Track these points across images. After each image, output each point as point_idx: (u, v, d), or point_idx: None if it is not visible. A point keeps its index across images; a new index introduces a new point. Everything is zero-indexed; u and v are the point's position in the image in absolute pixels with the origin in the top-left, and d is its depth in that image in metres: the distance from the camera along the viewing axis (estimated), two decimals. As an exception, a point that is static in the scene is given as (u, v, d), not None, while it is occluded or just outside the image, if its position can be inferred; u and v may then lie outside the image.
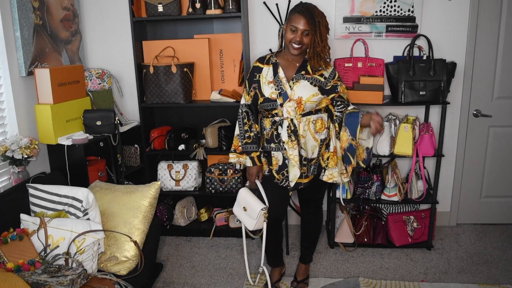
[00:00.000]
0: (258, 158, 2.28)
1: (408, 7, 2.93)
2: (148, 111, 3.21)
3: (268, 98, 2.18)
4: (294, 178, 2.24)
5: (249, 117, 2.29)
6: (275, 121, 2.22)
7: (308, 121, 2.21)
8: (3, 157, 2.31)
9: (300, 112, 2.18)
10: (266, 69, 2.23)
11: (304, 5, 2.12)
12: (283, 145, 2.22)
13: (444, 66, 2.72)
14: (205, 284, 2.65)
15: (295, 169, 2.22)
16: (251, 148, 2.27)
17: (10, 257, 1.86)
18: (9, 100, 2.43)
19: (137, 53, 3.00)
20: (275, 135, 2.24)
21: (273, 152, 2.26)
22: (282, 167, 2.26)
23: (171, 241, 3.19)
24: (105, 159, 2.92)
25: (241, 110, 2.31)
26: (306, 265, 2.63)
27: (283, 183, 2.28)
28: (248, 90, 2.28)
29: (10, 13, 2.37)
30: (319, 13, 2.11)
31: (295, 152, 2.20)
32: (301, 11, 2.08)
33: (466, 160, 3.21)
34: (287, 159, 2.23)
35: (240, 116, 2.30)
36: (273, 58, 2.25)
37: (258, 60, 2.30)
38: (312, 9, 2.10)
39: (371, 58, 2.93)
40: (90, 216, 2.11)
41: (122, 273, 2.14)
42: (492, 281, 2.62)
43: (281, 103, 2.17)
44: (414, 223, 2.99)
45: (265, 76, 2.22)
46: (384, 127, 2.30)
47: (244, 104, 2.31)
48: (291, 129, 2.19)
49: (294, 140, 2.19)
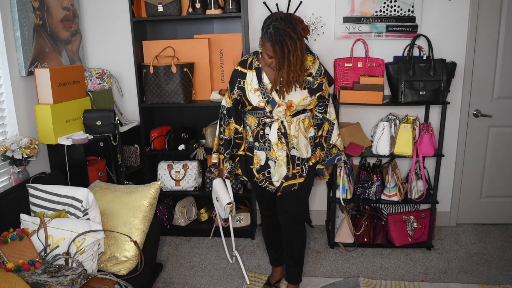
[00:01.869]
0: (223, 160, 2.33)
1: (408, 7, 2.93)
2: (148, 111, 3.21)
3: (256, 107, 2.14)
4: (279, 178, 2.22)
5: (224, 120, 2.30)
6: (265, 122, 2.17)
7: (298, 120, 2.18)
8: (3, 157, 2.31)
9: (289, 114, 2.14)
10: (250, 74, 2.14)
11: (277, 32, 1.90)
12: (268, 146, 2.18)
13: (444, 66, 2.72)
14: (205, 284, 2.65)
15: (282, 169, 2.20)
16: (221, 150, 2.35)
17: (10, 257, 1.86)
18: (9, 100, 2.43)
19: (137, 53, 3.00)
20: (260, 135, 2.19)
21: (256, 151, 2.22)
22: (264, 167, 2.22)
23: (171, 241, 3.19)
24: (105, 159, 2.92)
25: (220, 111, 2.33)
26: (296, 285, 2.51)
27: (262, 183, 2.26)
28: (230, 93, 2.23)
29: (10, 13, 2.37)
30: (292, 39, 1.89)
31: (284, 154, 2.17)
32: (273, 42, 1.91)
33: (466, 160, 3.21)
34: (271, 159, 2.20)
35: (219, 118, 2.34)
36: (255, 62, 2.13)
37: (240, 64, 2.18)
38: (283, 36, 1.89)
39: (371, 58, 2.93)
40: (90, 216, 2.11)
41: (122, 273, 2.14)
42: (492, 281, 2.62)
43: (270, 110, 2.12)
44: (414, 223, 2.99)
45: (249, 83, 2.13)
46: None
47: (224, 106, 2.29)
48: (281, 131, 2.15)
49: (284, 142, 2.16)
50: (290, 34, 1.90)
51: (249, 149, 2.28)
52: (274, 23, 1.92)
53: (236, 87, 2.18)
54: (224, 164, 2.34)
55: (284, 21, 1.92)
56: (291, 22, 1.92)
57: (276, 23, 1.92)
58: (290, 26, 1.91)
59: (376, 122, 3.03)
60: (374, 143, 2.88)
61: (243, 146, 2.31)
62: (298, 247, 2.39)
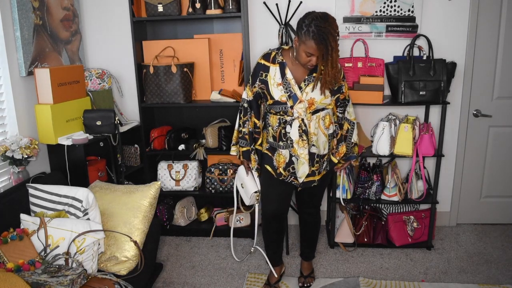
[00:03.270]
0: (244, 153, 2.37)
1: (408, 7, 2.93)
2: (148, 111, 3.21)
3: (278, 101, 2.17)
4: (303, 175, 2.25)
5: (246, 112, 2.33)
6: (286, 120, 2.20)
7: (318, 118, 2.21)
8: (3, 157, 2.31)
9: (310, 111, 2.17)
10: (273, 69, 2.18)
11: (320, 30, 1.94)
12: (290, 143, 2.21)
13: (444, 66, 2.72)
14: (205, 284, 2.65)
15: (305, 166, 2.23)
16: (241, 143, 2.38)
17: (10, 257, 1.86)
18: (9, 100, 2.43)
19: (137, 53, 3.00)
20: (282, 134, 2.23)
21: (281, 150, 2.26)
22: (288, 163, 2.26)
23: (171, 241, 3.19)
24: (105, 159, 2.92)
25: (241, 104, 2.36)
26: (309, 261, 2.68)
27: (288, 179, 2.29)
28: (251, 86, 2.27)
29: (10, 13, 2.37)
30: (334, 37, 1.97)
31: (305, 151, 2.20)
32: (317, 40, 1.95)
33: (466, 160, 3.21)
34: (294, 156, 2.23)
35: (239, 110, 2.37)
36: (279, 57, 2.18)
37: (263, 57, 2.22)
38: (327, 34, 1.94)
39: (371, 58, 2.93)
40: (90, 216, 2.11)
41: (122, 273, 2.14)
42: (492, 281, 2.62)
43: (291, 105, 2.15)
44: (414, 223, 2.99)
45: (273, 77, 2.18)
46: None
47: (244, 99, 2.33)
48: (302, 128, 2.18)
49: (305, 139, 2.19)
50: (331, 32, 1.96)
51: (269, 149, 2.31)
52: (315, 21, 1.97)
53: (258, 80, 2.22)
54: (252, 156, 2.37)
55: (324, 20, 1.99)
56: (329, 21, 1.99)
57: (317, 21, 1.97)
58: (330, 25, 1.98)
59: (376, 122, 3.03)
60: (374, 143, 2.88)
61: (260, 141, 2.38)
62: (314, 231, 2.59)
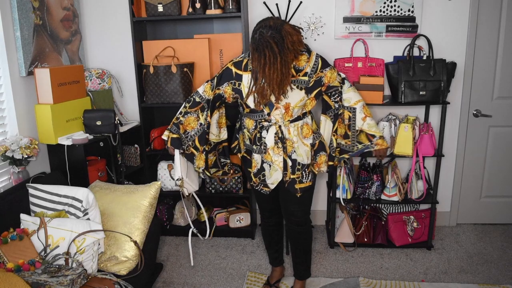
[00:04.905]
0: (173, 139, 2.32)
1: (408, 7, 2.93)
2: (148, 111, 3.21)
3: (254, 109, 2.13)
4: (275, 181, 2.21)
5: (193, 106, 2.28)
6: (263, 125, 2.15)
7: (296, 126, 2.15)
8: (3, 157, 2.31)
9: (288, 119, 2.12)
10: (246, 76, 2.11)
11: (260, 39, 1.87)
12: (264, 149, 2.16)
13: (444, 66, 2.72)
14: (205, 284, 2.65)
15: (278, 173, 2.18)
16: (173, 129, 2.34)
17: (10, 257, 1.86)
18: (9, 100, 2.43)
19: (137, 53, 3.00)
20: (257, 137, 2.17)
21: (254, 154, 2.21)
22: (259, 170, 2.22)
23: (171, 241, 3.19)
24: (105, 159, 2.92)
25: (192, 95, 2.31)
26: (303, 281, 2.51)
27: (258, 187, 2.26)
28: (215, 87, 2.22)
29: (10, 13, 2.37)
30: (272, 52, 1.86)
31: (280, 159, 2.15)
32: (253, 48, 1.91)
33: (466, 160, 3.21)
34: (266, 163, 2.19)
35: (187, 100, 2.32)
36: (250, 64, 2.07)
37: (234, 64, 2.15)
38: (264, 47, 1.86)
39: (371, 58, 2.93)
40: (90, 216, 2.11)
41: (122, 273, 2.14)
42: (492, 281, 2.62)
43: (268, 113, 2.10)
44: (414, 223, 2.99)
45: (246, 86, 2.10)
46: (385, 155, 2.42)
47: (199, 94, 2.28)
48: (279, 136, 2.12)
49: (280, 147, 2.13)
50: (272, 46, 1.85)
51: (247, 151, 2.29)
52: (261, 29, 1.88)
53: (232, 88, 2.17)
54: (202, 155, 2.34)
55: (273, 30, 1.87)
56: (280, 33, 1.87)
57: (263, 30, 1.88)
58: (276, 37, 1.85)
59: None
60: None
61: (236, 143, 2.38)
62: (303, 246, 2.40)
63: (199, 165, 2.39)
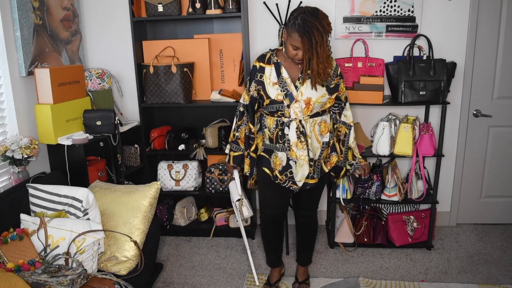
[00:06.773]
0: (235, 158, 2.38)
1: (408, 7, 2.93)
2: (148, 111, 3.21)
3: (274, 100, 2.16)
4: (302, 178, 2.24)
5: (241, 117, 2.34)
6: (283, 122, 2.19)
7: (315, 122, 2.20)
8: (3, 157, 2.31)
9: (308, 113, 2.16)
10: (269, 69, 2.18)
11: (304, 23, 1.95)
12: (288, 146, 2.20)
13: (444, 66, 2.72)
14: (205, 284, 2.65)
15: (304, 168, 2.21)
16: (233, 147, 2.40)
17: (10, 257, 1.86)
18: (9, 100, 2.43)
19: (137, 53, 3.00)
20: (279, 136, 2.22)
21: (277, 152, 2.24)
22: (285, 167, 2.24)
23: (171, 241, 3.19)
24: (105, 159, 2.92)
25: (237, 108, 2.36)
26: (306, 267, 2.62)
27: (286, 184, 2.27)
28: (248, 91, 2.28)
29: (10, 13, 2.37)
30: (318, 31, 1.94)
31: (305, 153, 2.19)
32: (301, 32, 1.95)
33: (466, 160, 3.21)
34: (292, 160, 2.22)
35: (236, 114, 2.38)
36: (274, 58, 2.18)
37: (258, 59, 2.24)
38: (311, 28, 1.93)
39: (371, 58, 2.93)
40: (90, 216, 2.11)
41: (122, 273, 2.14)
42: (492, 281, 2.62)
43: (288, 105, 2.14)
44: (414, 223, 2.99)
45: (268, 77, 2.17)
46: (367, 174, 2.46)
47: (241, 103, 2.34)
48: (300, 130, 2.17)
49: (304, 141, 2.18)
50: (317, 26, 1.96)
51: (266, 151, 2.30)
52: (302, 15, 1.98)
53: (254, 81, 2.22)
54: (247, 160, 2.37)
55: (312, 14, 1.99)
56: (318, 16, 1.99)
57: (304, 15, 1.98)
58: (317, 20, 1.97)
59: (376, 122, 3.03)
60: (374, 143, 2.88)
61: (253, 147, 2.36)
62: (310, 236, 2.56)
63: (246, 170, 2.40)
